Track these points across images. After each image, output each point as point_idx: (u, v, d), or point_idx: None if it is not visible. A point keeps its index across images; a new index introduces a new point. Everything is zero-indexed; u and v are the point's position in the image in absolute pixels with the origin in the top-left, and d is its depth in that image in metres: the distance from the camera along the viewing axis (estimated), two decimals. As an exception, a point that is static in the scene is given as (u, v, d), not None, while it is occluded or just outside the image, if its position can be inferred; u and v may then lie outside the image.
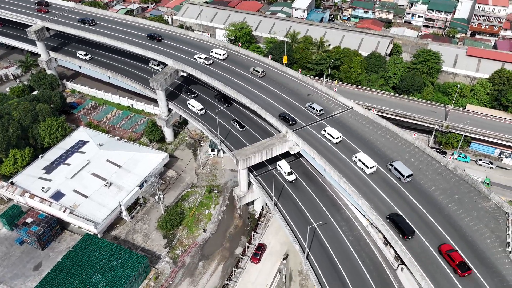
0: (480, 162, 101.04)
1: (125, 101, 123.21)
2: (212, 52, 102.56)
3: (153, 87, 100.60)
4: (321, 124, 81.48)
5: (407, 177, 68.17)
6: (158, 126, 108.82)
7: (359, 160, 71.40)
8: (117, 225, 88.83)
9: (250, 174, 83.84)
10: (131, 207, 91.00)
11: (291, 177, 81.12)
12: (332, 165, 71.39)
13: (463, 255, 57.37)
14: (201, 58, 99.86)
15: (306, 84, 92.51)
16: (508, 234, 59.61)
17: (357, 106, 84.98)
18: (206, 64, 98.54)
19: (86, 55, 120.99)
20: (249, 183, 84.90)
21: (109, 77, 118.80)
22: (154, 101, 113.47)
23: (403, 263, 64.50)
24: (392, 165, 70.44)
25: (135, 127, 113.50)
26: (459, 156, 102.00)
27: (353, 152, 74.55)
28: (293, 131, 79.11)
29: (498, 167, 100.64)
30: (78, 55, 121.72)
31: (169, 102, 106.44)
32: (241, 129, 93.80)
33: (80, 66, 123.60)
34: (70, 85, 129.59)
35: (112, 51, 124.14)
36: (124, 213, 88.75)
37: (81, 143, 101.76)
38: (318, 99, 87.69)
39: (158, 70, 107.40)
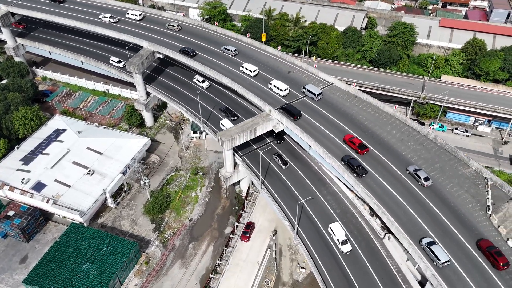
0: (456, 131, 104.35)
1: (100, 87, 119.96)
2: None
3: (129, 70, 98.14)
4: (303, 101, 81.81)
5: (318, 95, 78.93)
6: (137, 110, 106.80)
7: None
8: (103, 213, 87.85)
9: (235, 154, 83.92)
10: (116, 194, 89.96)
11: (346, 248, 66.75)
12: (316, 141, 72.20)
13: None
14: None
15: (286, 62, 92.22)
16: (488, 198, 62.38)
17: (338, 81, 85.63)
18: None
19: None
20: (235, 164, 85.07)
21: (82, 62, 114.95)
22: (131, 85, 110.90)
23: (389, 232, 66.92)
24: (305, 88, 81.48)
25: (113, 112, 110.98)
26: (432, 125, 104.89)
27: (336, 127, 75.54)
28: (276, 109, 79.20)
29: (473, 135, 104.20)
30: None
31: (147, 86, 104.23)
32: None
33: (50, 52, 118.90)
34: (40, 72, 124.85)
35: (84, 35, 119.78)
36: (109, 200, 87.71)
37: (59, 131, 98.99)
38: (299, 76, 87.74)
39: (202, 87, 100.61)
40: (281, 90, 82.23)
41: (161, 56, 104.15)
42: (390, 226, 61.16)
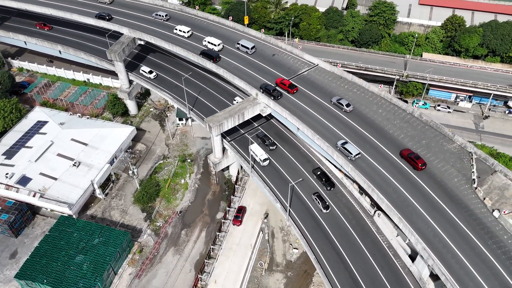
0: (439, 108, 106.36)
1: (80, 76, 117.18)
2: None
3: (110, 58, 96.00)
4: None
5: (251, 49, 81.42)
6: (120, 99, 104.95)
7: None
8: (92, 204, 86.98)
9: (224, 140, 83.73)
10: (104, 185, 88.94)
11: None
12: (305, 123, 72.58)
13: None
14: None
15: (270, 44, 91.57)
16: (473, 171, 64.17)
17: (323, 62, 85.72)
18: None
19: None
20: (223, 149, 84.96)
21: (60, 51, 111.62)
22: (112, 74, 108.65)
23: (379, 209, 68.46)
24: (239, 43, 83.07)
25: (96, 102, 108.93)
26: (415, 103, 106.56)
27: (322, 108, 75.95)
28: (262, 92, 79.04)
29: (455, 111, 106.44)
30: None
31: (129, 73, 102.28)
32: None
33: (25, 42, 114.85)
34: (16, 63, 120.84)
35: (61, 23, 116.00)
36: (98, 191, 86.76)
37: (40, 123, 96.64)
38: (284, 59, 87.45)
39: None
40: (214, 45, 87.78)
41: (142, 42, 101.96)
42: (381, 203, 62.46)
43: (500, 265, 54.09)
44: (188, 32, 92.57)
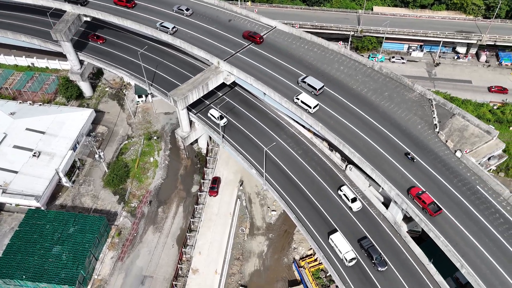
0: (393, 60, 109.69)
1: (23, 61, 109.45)
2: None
3: (56, 39, 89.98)
4: (249, 48, 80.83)
5: (319, 89, 70.56)
6: (72, 81, 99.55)
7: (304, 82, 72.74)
8: (60, 194, 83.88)
9: (190, 113, 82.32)
10: (70, 172, 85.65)
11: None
12: (271, 87, 72.57)
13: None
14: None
15: (225, 10, 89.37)
16: (434, 117, 67.63)
17: (281, 24, 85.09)
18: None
19: None
20: (191, 122, 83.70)
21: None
22: (59, 56, 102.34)
23: (350, 163, 71.05)
24: (304, 81, 71.69)
25: (45, 87, 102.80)
26: (372, 57, 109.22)
27: (287, 71, 76.07)
28: (224, 60, 77.74)
29: (408, 61, 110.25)
30: None
31: (78, 53, 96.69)
32: None
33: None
34: None
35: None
36: (64, 179, 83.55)
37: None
38: (240, 23, 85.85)
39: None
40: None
41: (88, 19, 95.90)
42: (352, 157, 64.76)
43: (465, 200, 58.45)
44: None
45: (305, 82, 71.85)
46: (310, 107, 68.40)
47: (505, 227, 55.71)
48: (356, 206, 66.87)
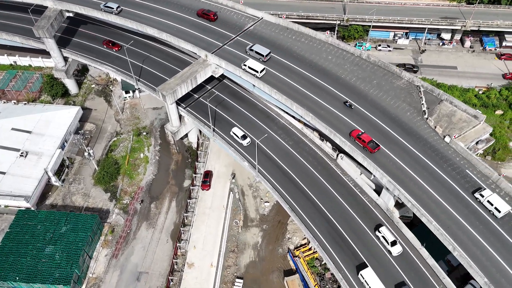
0: (380, 48, 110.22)
1: (4, 59, 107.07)
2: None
3: (38, 36, 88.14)
4: (237, 40, 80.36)
5: (266, 56, 74.23)
6: (57, 79, 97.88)
7: None
8: (50, 193, 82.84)
9: (179, 107, 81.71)
10: (59, 171, 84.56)
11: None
12: (260, 78, 72.35)
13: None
14: None
15: (211, 2, 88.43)
16: (422, 103, 68.38)
17: (267, 15, 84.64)
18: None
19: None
20: (180, 117, 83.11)
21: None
22: (42, 53, 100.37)
23: (341, 152, 71.55)
24: (252, 49, 75.61)
25: (30, 86, 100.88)
26: (359, 46, 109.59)
27: (273, 61, 75.77)
28: (212, 52, 77.18)
29: (394, 49, 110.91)
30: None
31: (62, 50, 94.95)
32: None
33: None
34: None
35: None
36: (53, 178, 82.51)
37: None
38: (227, 15, 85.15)
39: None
40: None
41: (70, 14, 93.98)
42: (343, 146, 65.15)
43: (455, 184, 59.44)
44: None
45: (252, 50, 75.66)
46: (257, 72, 71.87)
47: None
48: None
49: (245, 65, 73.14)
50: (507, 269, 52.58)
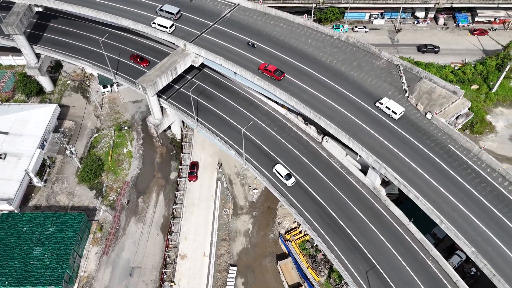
0: (356, 29, 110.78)
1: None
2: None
3: (8, 33, 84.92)
4: (215, 28, 79.37)
5: (176, 14, 77.93)
6: (30, 77, 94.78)
7: None
8: (32, 194, 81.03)
9: (160, 99, 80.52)
10: (40, 171, 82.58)
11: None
12: (241, 66, 71.92)
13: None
14: None
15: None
16: (403, 82, 69.40)
17: (244, 1, 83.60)
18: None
19: None
20: (162, 109, 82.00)
21: None
22: (12, 50, 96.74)
23: (326, 134, 72.24)
24: (162, 10, 79.09)
25: (1, 85, 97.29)
26: (337, 28, 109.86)
27: (256, 49, 75.29)
28: (190, 42, 76.08)
29: (371, 30, 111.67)
30: None
31: (34, 47, 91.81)
32: None
33: None
34: None
35: None
36: (35, 179, 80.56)
37: None
38: (202, 3, 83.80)
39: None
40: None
41: (40, 9, 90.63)
42: (328, 129, 65.71)
43: (439, 159, 60.87)
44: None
45: (162, 10, 79.51)
46: (166, 28, 76.09)
47: (477, 181, 58.75)
48: None
49: (154, 23, 77.04)
50: (498, 244, 54.23)
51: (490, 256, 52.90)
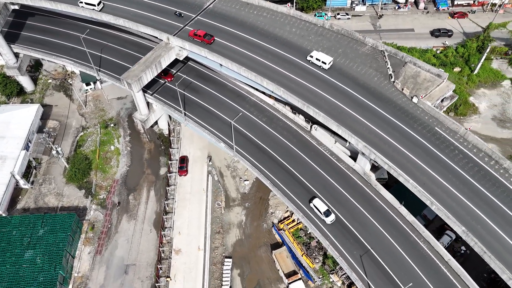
0: (339, 16, 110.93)
1: None
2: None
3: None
4: (198, 20, 78.49)
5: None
6: (10, 77, 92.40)
7: None
8: (20, 197, 79.58)
9: (146, 94, 79.54)
10: (26, 173, 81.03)
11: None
12: (227, 57, 71.42)
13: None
14: None
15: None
16: (388, 67, 69.97)
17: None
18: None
19: None
20: (148, 104, 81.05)
21: None
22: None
23: (314, 123, 72.59)
24: None
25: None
26: (320, 16, 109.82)
27: (237, 37, 74.86)
28: (174, 35, 75.13)
29: (353, 16, 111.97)
30: None
31: (12, 46, 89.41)
32: None
33: None
34: None
35: None
36: (21, 181, 79.08)
37: None
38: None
39: None
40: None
41: (16, 7, 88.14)
42: (317, 117, 65.98)
43: (427, 142, 61.76)
44: None
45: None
46: (94, 5, 76.75)
47: (464, 161, 59.94)
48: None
49: (81, 2, 77.40)
50: (487, 222, 55.56)
51: (480, 234, 54.23)
